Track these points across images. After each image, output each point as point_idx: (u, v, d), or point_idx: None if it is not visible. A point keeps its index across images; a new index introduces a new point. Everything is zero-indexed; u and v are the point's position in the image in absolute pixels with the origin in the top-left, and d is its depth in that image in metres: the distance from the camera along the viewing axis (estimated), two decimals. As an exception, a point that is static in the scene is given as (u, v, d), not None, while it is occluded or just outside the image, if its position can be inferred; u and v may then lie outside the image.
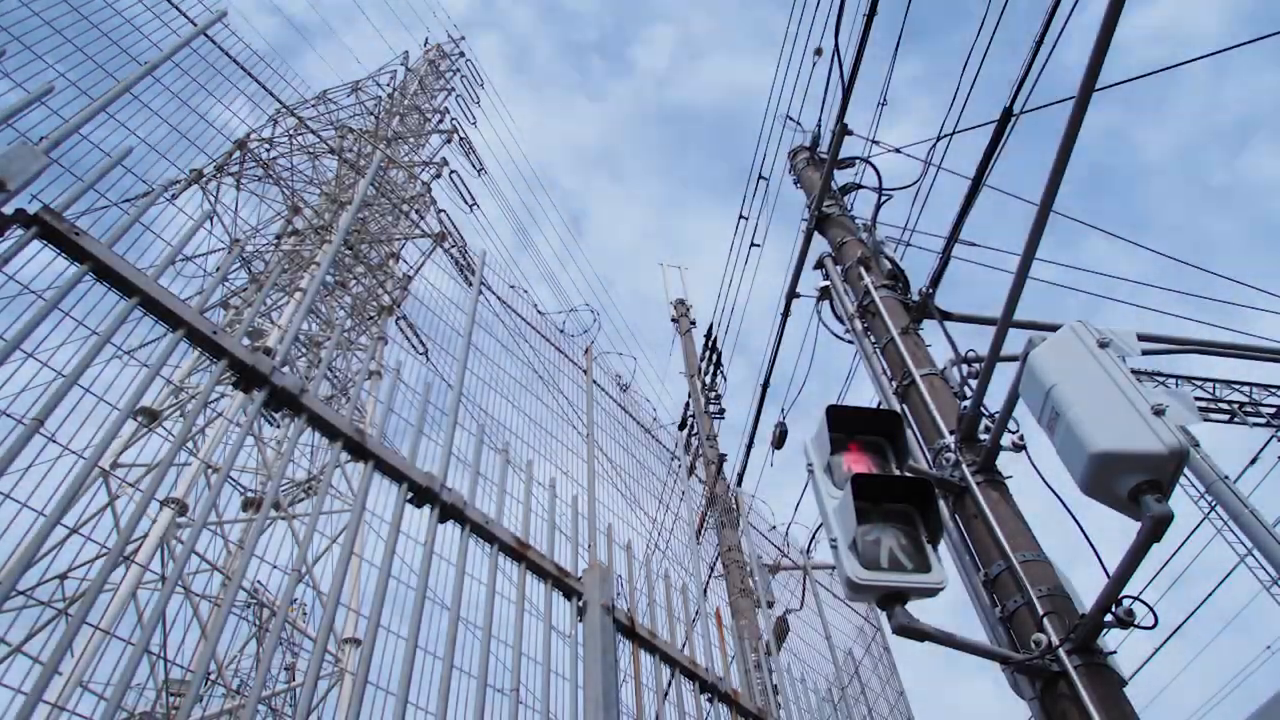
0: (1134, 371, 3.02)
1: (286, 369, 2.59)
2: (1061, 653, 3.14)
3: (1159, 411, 2.74)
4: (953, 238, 5.01)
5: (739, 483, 9.35)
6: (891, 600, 3.27)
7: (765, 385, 8.08)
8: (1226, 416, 11.37)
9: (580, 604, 3.28)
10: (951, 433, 4.22)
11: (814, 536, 6.68)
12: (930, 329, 5.08)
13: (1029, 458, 3.81)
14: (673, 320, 12.79)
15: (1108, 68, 3.01)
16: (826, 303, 6.01)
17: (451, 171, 18.39)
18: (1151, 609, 2.95)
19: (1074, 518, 3.36)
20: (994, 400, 3.97)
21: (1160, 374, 10.69)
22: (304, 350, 12.30)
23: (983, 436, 4.09)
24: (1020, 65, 4.50)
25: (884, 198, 6.10)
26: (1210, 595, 10.18)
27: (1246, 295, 5.87)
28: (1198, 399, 11.32)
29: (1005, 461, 4.04)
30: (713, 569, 9.01)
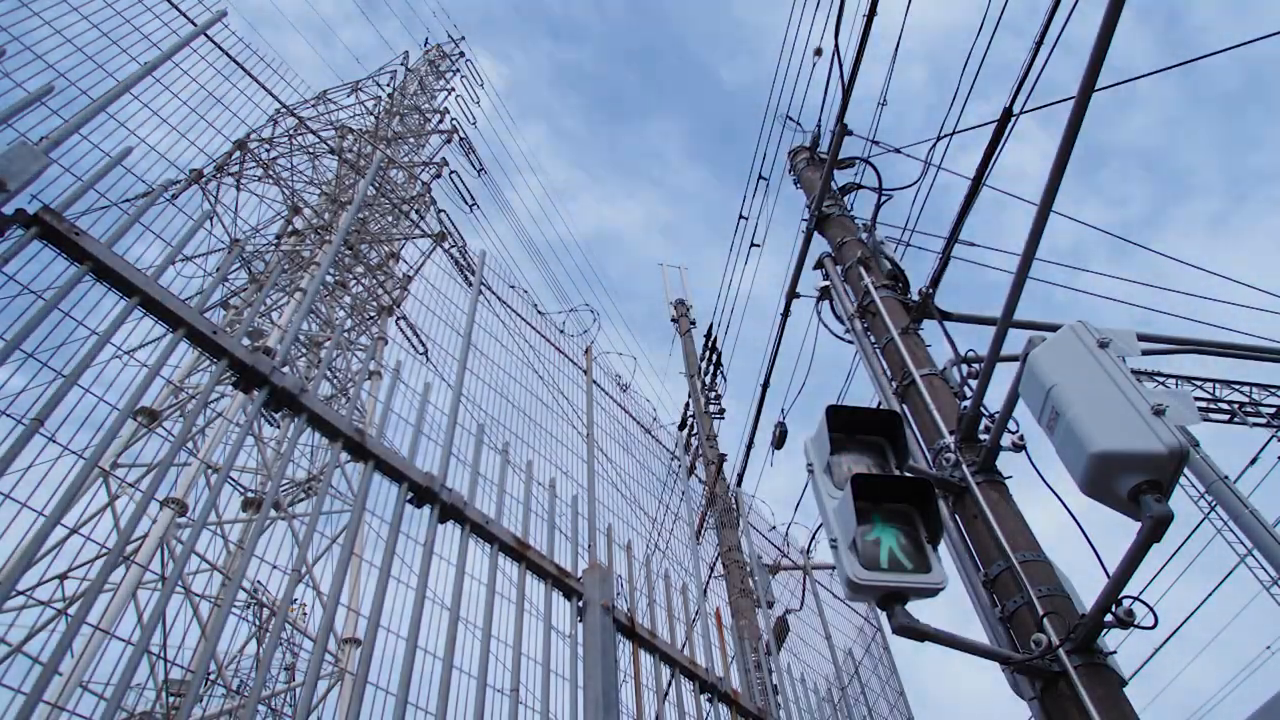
0: (1134, 371, 3.02)
1: (286, 369, 2.59)
2: (1061, 653, 3.14)
3: (1159, 411, 2.74)
4: (953, 238, 5.01)
5: (739, 483, 9.36)
6: (891, 600, 3.27)
7: (765, 385, 8.09)
8: (1226, 417, 11.37)
9: (580, 604, 3.28)
10: (951, 433, 4.22)
11: (814, 536, 6.68)
12: (930, 329, 5.08)
13: (1029, 458, 3.81)
14: (672, 320, 12.79)
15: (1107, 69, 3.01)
16: (827, 303, 6.02)
17: (451, 172, 18.39)
18: (1151, 609, 2.95)
19: (1074, 518, 3.36)
20: (994, 400, 3.97)
21: (1160, 374, 10.70)
22: (304, 350, 12.30)
23: (983, 437, 4.09)
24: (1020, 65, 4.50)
25: (884, 198, 6.10)
26: (1210, 595, 10.17)
27: (1246, 295, 5.87)
28: (1197, 399, 11.32)
29: (1005, 462, 4.04)
30: (713, 569, 9.01)
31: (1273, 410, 11.32)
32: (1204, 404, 11.31)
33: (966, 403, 4.14)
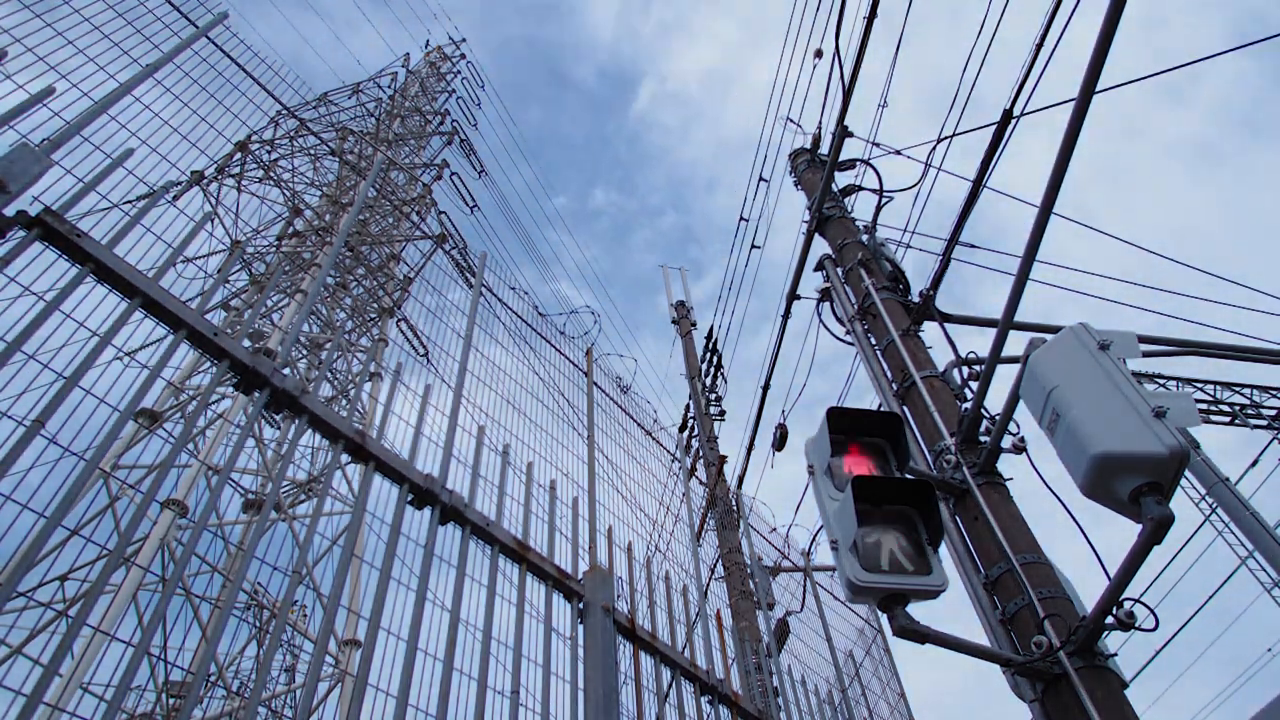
0: (1134, 373, 3.02)
1: (287, 371, 2.59)
2: (1063, 655, 3.13)
3: (1160, 414, 2.74)
4: (953, 240, 5.01)
5: (739, 484, 9.35)
6: (893, 602, 3.27)
7: (766, 387, 8.08)
8: (1227, 419, 11.36)
9: (580, 606, 3.28)
10: (952, 434, 4.22)
11: (815, 538, 6.67)
12: (931, 331, 5.08)
13: (1030, 460, 3.81)
14: (673, 322, 12.78)
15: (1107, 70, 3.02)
16: (827, 304, 6.02)
17: (452, 173, 18.40)
18: (1152, 611, 2.95)
19: (1074, 519, 3.36)
20: (995, 402, 3.97)
21: (1161, 376, 10.69)
22: (305, 352, 12.30)
23: (983, 438, 4.09)
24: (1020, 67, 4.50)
25: (884, 200, 6.10)
26: (1211, 598, 10.15)
27: (1246, 297, 5.86)
28: (1198, 401, 11.32)
29: (1006, 463, 4.04)
30: (713, 571, 9.01)
31: (1274, 412, 11.31)
32: (1205, 406, 11.31)
33: (967, 404, 4.14)
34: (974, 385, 4.37)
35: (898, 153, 6.44)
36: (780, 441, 7.12)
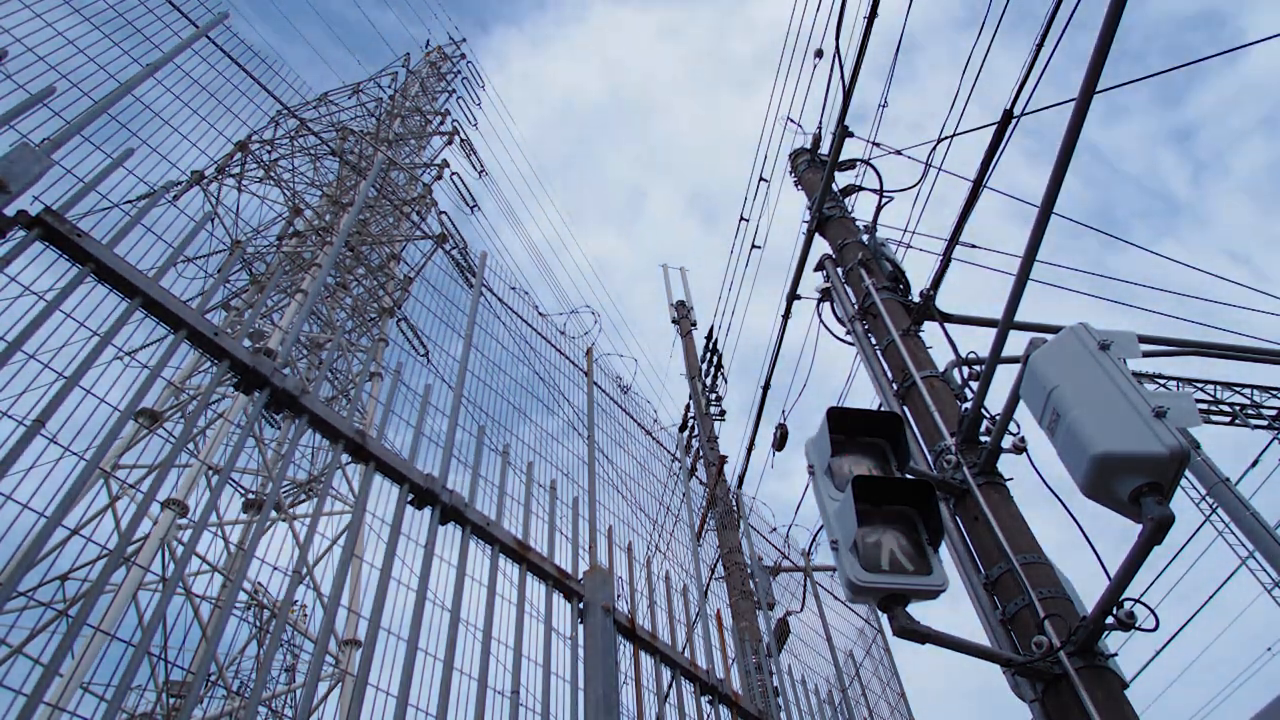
0: (1135, 374, 3.02)
1: (287, 370, 2.59)
2: (1063, 655, 3.13)
3: (1160, 414, 2.74)
4: (953, 240, 5.00)
5: (740, 485, 9.35)
6: (893, 602, 3.27)
7: (766, 387, 8.09)
8: (1228, 419, 11.36)
9: (581, 606, 3.28)
10: (952, 434, 4.22)
11: (815, 538, 6.67)
12: (931, 331, 5.08)
13: (1030, 460, 3.81)
14: (673, 322, 12.77)
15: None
16: (828, 304, 6.01)
17: (453, 173, 18.40)
18: (1153, 611, 2.95)
19: (1075, 519, 3.36)
20: (995, 402, 3.96)
21: (1161, 376, 10.69)
22: (305, 352, 12.30)
23: (983, 439, 4.09)
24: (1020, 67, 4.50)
25: (885, 200, 6.10)
26: (1211, 598, 10.15)
27: (1246, 297, 5.86)
28: (1199, 401, 11.32)
29: (1006, 464, 4.04)
30: (713, 571, 9.01)
31: (1274, 412, 11.31)
32: (1205, 406, 11.31)
33: (967, 405, 4.14)
34: (974, 385, 4.37)
35: (898, 153, 6.44)
36: (780, 441, 7.12)
